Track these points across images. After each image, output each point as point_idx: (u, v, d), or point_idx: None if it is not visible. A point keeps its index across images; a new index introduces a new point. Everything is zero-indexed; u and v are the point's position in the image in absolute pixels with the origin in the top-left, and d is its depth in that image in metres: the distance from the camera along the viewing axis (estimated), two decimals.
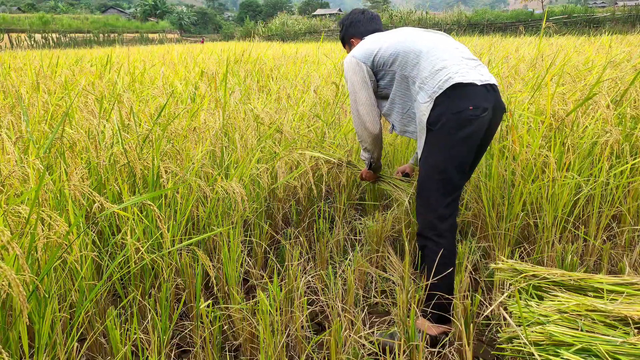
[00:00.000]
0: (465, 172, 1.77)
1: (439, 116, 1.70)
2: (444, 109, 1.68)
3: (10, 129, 2.44)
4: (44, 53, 10.60)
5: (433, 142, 1.75)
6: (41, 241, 1.37)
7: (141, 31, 40.91)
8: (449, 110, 1.67)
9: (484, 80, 1.71)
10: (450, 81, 1.68)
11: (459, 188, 1.76)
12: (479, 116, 1.67)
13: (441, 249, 1.71)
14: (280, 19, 38.45)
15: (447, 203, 1.74)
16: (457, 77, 1.68)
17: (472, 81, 1.68)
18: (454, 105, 1.67)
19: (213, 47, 14.02)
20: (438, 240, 1.73)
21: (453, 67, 1.71)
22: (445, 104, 1.68)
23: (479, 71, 1.74)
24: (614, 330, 1.34)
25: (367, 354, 1.70)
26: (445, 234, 1.73)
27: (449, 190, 1.74)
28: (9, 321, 1.37)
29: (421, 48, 1.80)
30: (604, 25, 22.86)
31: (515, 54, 5.95)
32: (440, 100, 1.69)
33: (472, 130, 1.67)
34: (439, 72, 1.71)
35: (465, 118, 1.66)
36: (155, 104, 3.17)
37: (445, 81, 1.69)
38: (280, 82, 4.71)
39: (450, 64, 1.72)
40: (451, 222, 1.75)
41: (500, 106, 1.78)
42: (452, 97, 1.67)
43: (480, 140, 1.75)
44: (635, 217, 2.26)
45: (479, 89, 1.69)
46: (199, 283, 1.64)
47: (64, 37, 30.26)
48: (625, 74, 3.12)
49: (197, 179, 1.95)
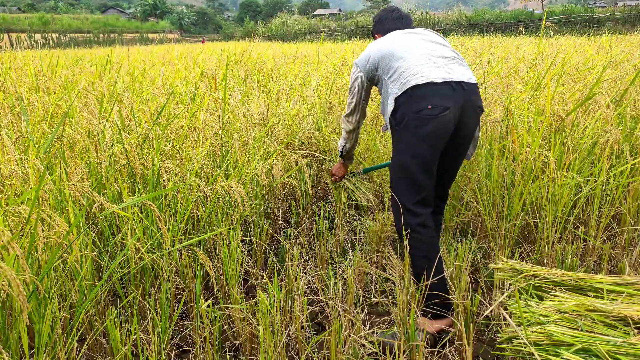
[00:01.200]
0: (430, 172, 1.80)
1: (402, 115, 1.79)
2: (406, 108, 1.77)
3: (10, 129, 2.44)
4: (44, 53, 10.61)
5: (398, 140, 1.84)
6: (41, 241, 1.37)
7: (141, 31, 40.91)
8: (409, 110, 1.76)
9: (447, 78, 1.75)
10: (407, 83, 1.77)
11: (425, 188, 1.80)
12: (437, 115, 1.71)
13: (418, 243, 1.76)
14: (280, 19, 38.44)
15: (415, 201, 1.79)
16: (414, 79, 1.76)
17: (431, 80, 1.73)
18: (414, 105, 1.75)
19: (213, 47, 14.02)
20: (413, 236, 1.78)
21: (414, 69, 1.79)
22: (407, 104, 1.77)
23: (447, 69, 1.79)
24: (614, 330, 1.34)
25: (367, 354, 1.70)
26: (418, 228, 1.77)
27: (416, 189, 1.79)
28: (9, 321, 1.37)
29: (394, 52, 1.89)
30: (604, 25, 22.85)
31: (515, 54, 5.95)
32: (402, 100, 1.78)
33: (431, 129, 1.72)
34: (402, 75, 1.81)
35: (424, 117, 1.72)
36: (155, 104, 3.17)
37: (404, 84, 1.78)
38: (280, 82, 4.71)
39: (412, 66, 1.80)
40: (424, 219, 1.79)
41: (471, 104, 1.81)
42: (413, 96, 1.76)
43: (447, 140, 1.79)
44: (635, 217, 2.26)
45: (440, 87, 1.73)
46: (199, 283, 1.65)
47: (64, 37, 30.26)
48: (625, 74, 3.12)
49: (197, 179, 1.95)
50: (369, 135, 3.16)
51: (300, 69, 5.80)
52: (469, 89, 1.79)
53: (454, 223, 2.51)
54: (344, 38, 25.18)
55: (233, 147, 2.39)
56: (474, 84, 1.82)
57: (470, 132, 1.87)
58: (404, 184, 1.80)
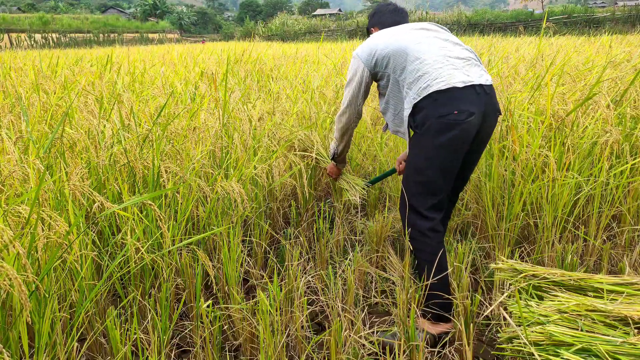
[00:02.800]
0: (450, 177, 1.77)
1: (423, 120, 1.71)
2: (429, 112, 1.69)
3: (10, 129, 2.44)
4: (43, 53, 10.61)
5: (416, 144, 1.78)
6: (41, 241, 1.37)
7: (141, 31, 40.90)
8: (433, 114, 1.68)
9: (468, 82, 1.68)
10: (428, 89, 1.68)
11: (441, 193, 1.76)
12: (463, 121, 1.65)
13: (427, 247, 1.73)
14: (280, 19, 38.43)
15: (429, 205, 1.75)
16: (435, 85, 1.68)
17: (453, 85, 1.66)
18: (438, 109, 1.67)
19: (213, 47, 14.02)
20: (423, 240, 1.75)
21: (433, 73, 1.70)
22: (430, 108, 1.69)
23: (466, 71, 1.72)
24: (614, 330, 1.34)
25: (367, 354, 1.70)
26: (429, 233, 1.74)
27: (431, 193, 1.75)
28: (9, 321, 1.37)
29: (407, 50, 1.79)
30: (604, 25, 22.85)
31: (515, 54, 5.95)
32: (425, 104, 1.70)
33: (454, 134, 1.67)
34: (420, 79, 1.72)
35: (449, 122, 1.66)
36: (155, 104, 3.17)
37: (423, 89, 1.70)
38: (280, 82, 4.71)
39: (431, 69, 1.71)
40: (435, 223, 1.76)
41: (493, 108, 1.77)
42: (437, 100, 1.68)
43: (469, 145, 1.75)
44: (635, 217, 2.26)
45: (464, 92, 1.67)
46: (199, 283, 1.65)
47: (64, 37, 30.25)
48: (625, 74, 3.12)
49: (197, 179, 1.95)
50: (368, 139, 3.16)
51: (300, 69, 5.80)
52: (490, 93, 1.75)
53: (454, 223, 2.51)
54: (344, 38, 25.19)
55: (234, 147, 2.39)
56: (491, 86, 1.78)
57: (488, 136, 1.84)
58: (420, 188, 1.76)
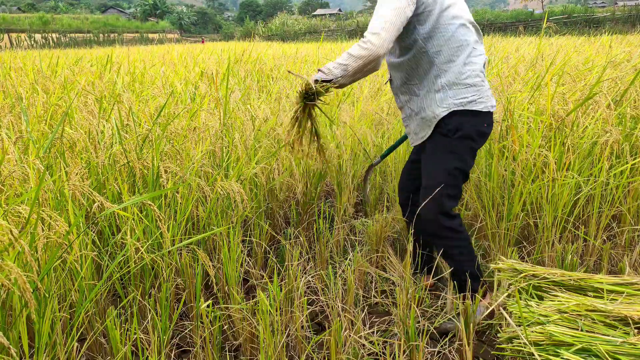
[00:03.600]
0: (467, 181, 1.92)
1: (458, 125, 1.76)
2: (466, 120, 1.76)
3: (10, 129, 2.44)
4: (43, 53, 10.61)
5: (447, 149, 1.81)
6: (41, 241, 1.37)
7: (141, 31, 40.93)
8: (469, 123, 1.76)
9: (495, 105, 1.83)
10: (473, 105, 1.75)
11: (461, 194, 1.93)
12: (488, 133, 1.84)
13: (463, 241, 1.84)
14: (280, 19, 38.46)
15: (455, 206, 1.87)
16: (480, 104, 1.75)
17: (490, 110, 1.80)
18: (474, 119, 1.77)
19: (213, 47, 14.02)
20: (457, 236, 1.84)
21: (481, 90, 1.76)
22: (468, 115, 1.76)
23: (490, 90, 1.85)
24: (614, 330, 1.34)
25: (367, 354, 1.70)
26: (460, 228, 1.85)
27: (458, 196, 1.87)
28: (9, 321, 1.37)
29: (468, 38, 1.79)
30: (604, 25, 22.86)
31: (515, 54, 5.95)
32: (462, 111, 1.76)
33: (482, 144, 1.84)
34: (467, 89, 1.74)
35: (482, 132, 1.80)
36: (155, 104, 3.17)
37: (469, 102, 1.74)
38: (280, 82, 4.71)
39: (478, 82, 1.76)
40: (460, 219, 1.89)
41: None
42: (476, 116, 1.78)
43: None
44: (635, 217, 2.26)
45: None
46: (199, 283, 1.64)
47: (64, 37, 30.29)
48: (625, 74, 3.12)
49: (197, 179, 1.95)
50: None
51: (300, 69, 5.80)
52: None
53: None
54: (344, 38, 25.19)
55: (234, 147, 2.39)
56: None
57: None
58: (452, 191, 1.83)
